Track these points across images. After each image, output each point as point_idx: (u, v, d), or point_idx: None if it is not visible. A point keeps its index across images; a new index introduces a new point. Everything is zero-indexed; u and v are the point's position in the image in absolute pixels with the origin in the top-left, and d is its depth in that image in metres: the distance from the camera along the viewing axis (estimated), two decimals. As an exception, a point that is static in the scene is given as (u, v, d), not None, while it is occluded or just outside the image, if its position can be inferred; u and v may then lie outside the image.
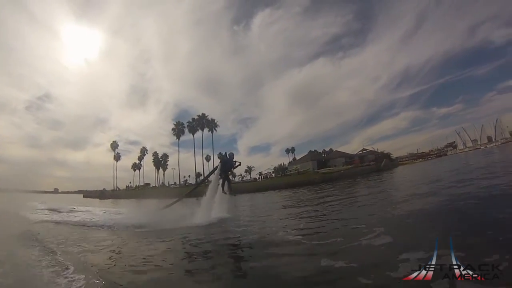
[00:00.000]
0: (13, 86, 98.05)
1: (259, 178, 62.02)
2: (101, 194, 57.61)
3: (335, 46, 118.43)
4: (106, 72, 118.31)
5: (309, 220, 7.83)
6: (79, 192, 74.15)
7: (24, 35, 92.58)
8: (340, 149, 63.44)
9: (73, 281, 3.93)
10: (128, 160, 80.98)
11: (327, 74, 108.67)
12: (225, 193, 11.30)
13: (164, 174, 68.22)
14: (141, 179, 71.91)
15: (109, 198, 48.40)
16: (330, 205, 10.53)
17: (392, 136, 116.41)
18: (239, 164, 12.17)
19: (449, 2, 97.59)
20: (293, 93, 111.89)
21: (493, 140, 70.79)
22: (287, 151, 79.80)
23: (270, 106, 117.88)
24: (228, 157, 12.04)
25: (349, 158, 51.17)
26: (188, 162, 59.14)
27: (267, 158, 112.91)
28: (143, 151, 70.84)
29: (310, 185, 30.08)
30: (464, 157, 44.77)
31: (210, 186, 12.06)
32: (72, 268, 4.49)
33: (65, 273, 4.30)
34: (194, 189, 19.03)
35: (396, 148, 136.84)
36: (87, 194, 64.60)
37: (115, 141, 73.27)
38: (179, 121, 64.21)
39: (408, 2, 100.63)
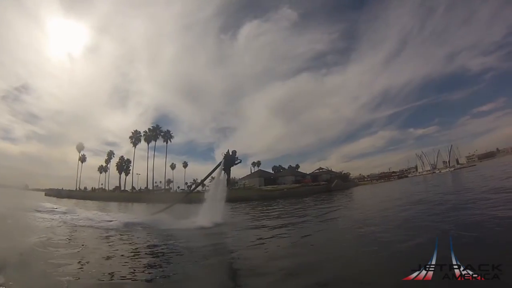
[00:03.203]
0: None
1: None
2: (58, 193, 59.38)
3: (319, 63, 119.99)
4: (88, 69, 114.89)
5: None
6: (50, 190, 73.23)
7: (7, 21, 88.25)
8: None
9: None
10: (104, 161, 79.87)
11: (309, 90, 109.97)
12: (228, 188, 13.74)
13: (125, 178, 69.07)
14: (110, 182, 72.74)
15: (64, 198, 50.43)
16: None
17: (369, 154, 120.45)
18: (240, 161, 14.24)
19: (431, 30, 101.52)
20: (274, 106, 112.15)
21: (448, 165, 74.71)
22: (253, 164, 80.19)
23: (250, 117, 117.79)
24: (231, 154, 13.76)
25: (300, 177, 52.45)
26: (157, 168, 62.22)
27: (244, 169, 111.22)
28: (110, 154, 71.90)
29: (242, 202, 31.36)
30: (422, 180, 47.14)
31: (214, 181, 14.09)
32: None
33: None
34: (193, 189, 20.05)
35: (372, 166, 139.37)
36: (48, 192, 64.44)
37: (81, 142, 73.75)
38: (136, 130, 66.68)
39: (392, 27, 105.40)
